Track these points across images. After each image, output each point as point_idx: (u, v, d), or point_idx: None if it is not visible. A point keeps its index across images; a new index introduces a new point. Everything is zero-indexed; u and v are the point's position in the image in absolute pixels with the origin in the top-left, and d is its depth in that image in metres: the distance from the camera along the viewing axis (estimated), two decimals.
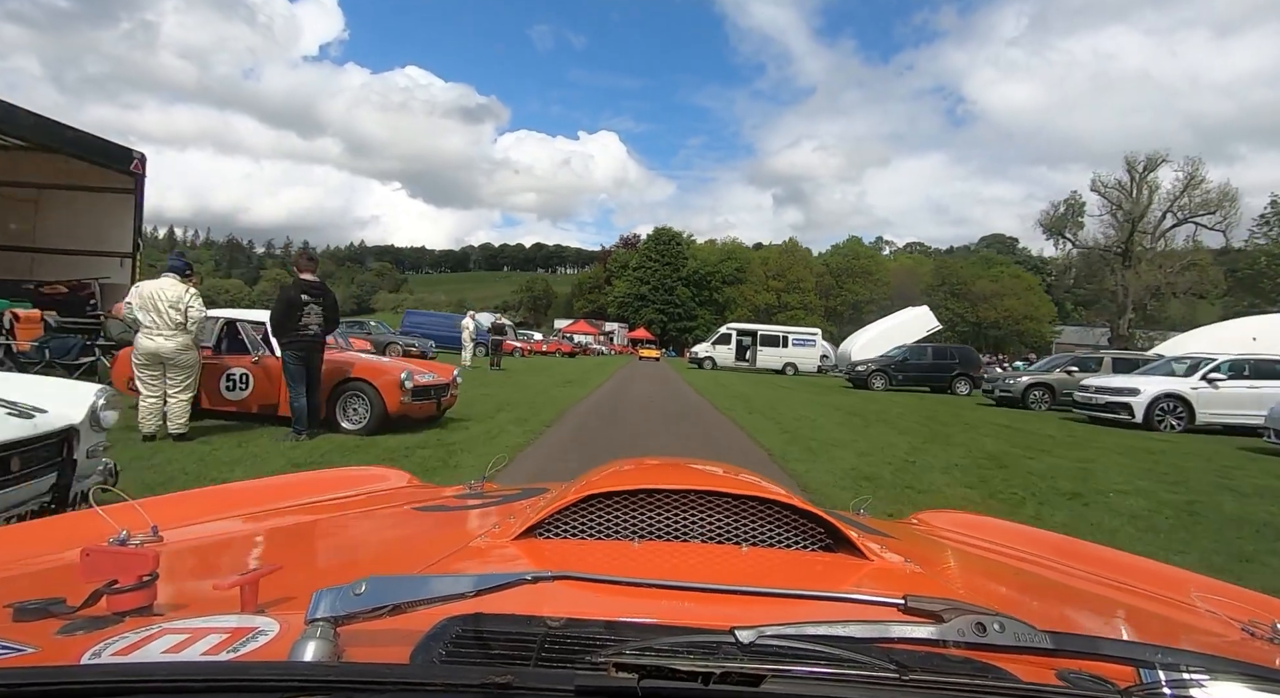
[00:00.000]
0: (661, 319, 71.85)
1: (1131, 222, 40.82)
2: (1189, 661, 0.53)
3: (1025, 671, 0.57)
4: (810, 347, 32.09)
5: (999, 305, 61.71)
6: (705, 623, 0.58)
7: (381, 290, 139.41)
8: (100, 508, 0.91)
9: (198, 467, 4.59)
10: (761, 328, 33.83)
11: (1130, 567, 1.33)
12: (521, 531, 0.98)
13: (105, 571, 0.68)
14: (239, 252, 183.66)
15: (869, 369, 21.08)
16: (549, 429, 7.85)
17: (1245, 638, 0.86)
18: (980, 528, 1.64)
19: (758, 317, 66.19)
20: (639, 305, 72.81)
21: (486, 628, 0.58)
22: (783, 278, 68.86)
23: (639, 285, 72.73)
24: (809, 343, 32.24)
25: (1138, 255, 40.43)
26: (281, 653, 0.52)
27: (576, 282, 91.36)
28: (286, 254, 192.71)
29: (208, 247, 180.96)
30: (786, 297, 67.01)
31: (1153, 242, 42.19)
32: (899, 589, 0.62)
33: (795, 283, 68.51)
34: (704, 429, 8.97)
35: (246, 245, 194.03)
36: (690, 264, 72.98)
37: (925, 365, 21.38)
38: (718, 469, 1.40)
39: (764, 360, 31.62)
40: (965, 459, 7.17)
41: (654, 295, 72.26)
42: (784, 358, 31.27)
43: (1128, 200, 41.12)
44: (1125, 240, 41.24)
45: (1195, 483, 6.31)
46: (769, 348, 31.75)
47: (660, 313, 72.31)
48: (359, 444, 5.97)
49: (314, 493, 1.49)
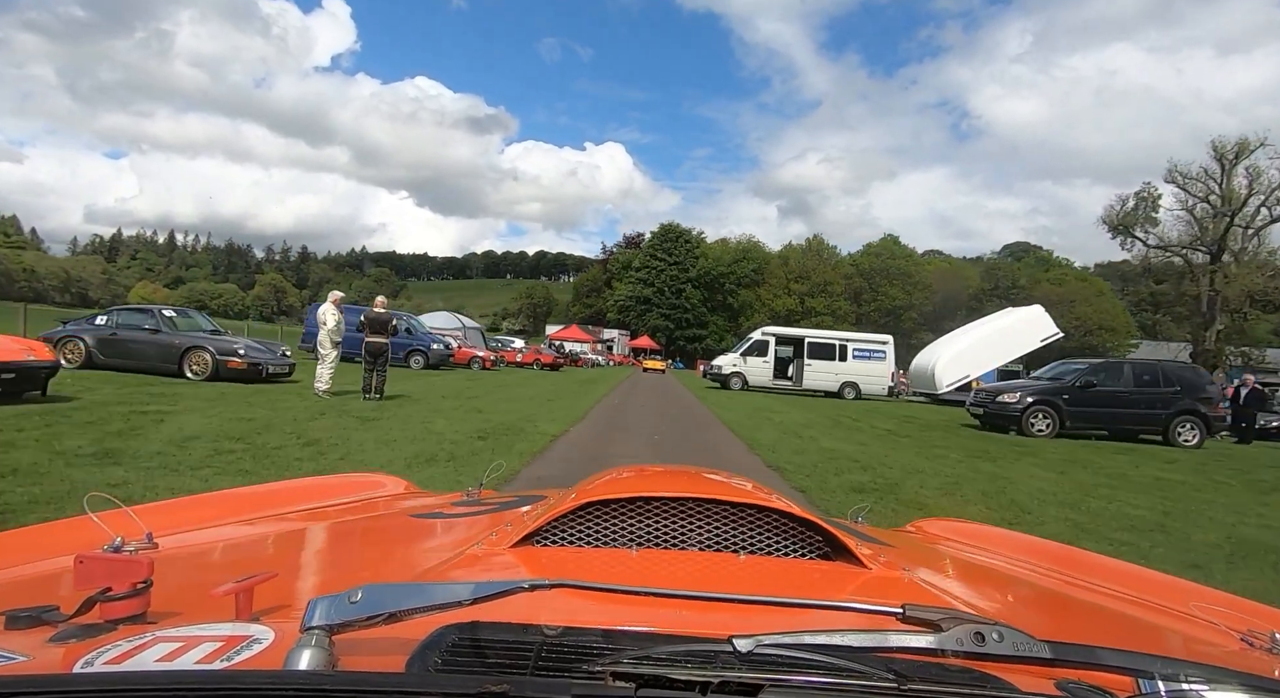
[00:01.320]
0: (668, 326, 64.42)
1: (1228, 214, 33.84)
2: (1188, 671, 0.53)
3: (1024, 680, 0.57)
4: (879, 360, 24.12)
5: (1070, 313, 53.15)
6: (703, 632, 0.58)
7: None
8: (94, 514, 0.90)
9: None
10: (811, 334, 24.86)
11: (1129, 576, 1.33)
12: (518, 538, 0.97)
13: (99, 578, 0.68)
14: (237, 256, 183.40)
15: (1023, 402, 12.68)
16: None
17: (1244, 648, 0.86)
18: (979, 537, 1.64)
19: (777, 324, 59.31)
20: (642, 310, 65.46)
21: (483, 636, 0.57)
22: (807, 280, 61.48)
23: (642, 287, 65.37)
24: (877, 355, 24.12)
25: (1231, 256, 34.18)
26: (276, 662, 0.52)
27: (573, 285, 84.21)
28: (285, 260, 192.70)
29: (208, 251, 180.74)
30: (811, 301, 59.60)
31: (1245, 240, 35.08)
32: (897, 598, 0.63)
33: (822, 286, 61.07)
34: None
35: (245, 249, 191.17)
36: (701, 264, 65.42)
37: (1123, 396, 12.97)
38: (716, 477, 1.38)
39: (813, 379, 23.84)
40: None
41: (659, 299, 64.89)
42: (842, 375, 23.76)
43: (1216, 192, 34.42)
44: (1219, 238, 34.19)
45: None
46: (820, 361, 23.89)
47: (666, 319, 64.88)
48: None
49: (310, 500, 1.48)
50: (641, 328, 64.14)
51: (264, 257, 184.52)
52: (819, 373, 23.75)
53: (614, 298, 67.92)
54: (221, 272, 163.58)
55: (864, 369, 23.77)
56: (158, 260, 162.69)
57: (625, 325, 64.70)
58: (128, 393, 8.54)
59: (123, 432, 5.81)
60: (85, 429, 5.77)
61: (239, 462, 5.03)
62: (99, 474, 4.29)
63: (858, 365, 23.80)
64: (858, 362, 23.87)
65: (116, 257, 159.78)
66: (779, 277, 62.72)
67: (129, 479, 4.25)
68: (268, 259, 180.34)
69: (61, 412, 6.61)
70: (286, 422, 7.26)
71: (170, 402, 8.03)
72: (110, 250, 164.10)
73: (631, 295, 65.33)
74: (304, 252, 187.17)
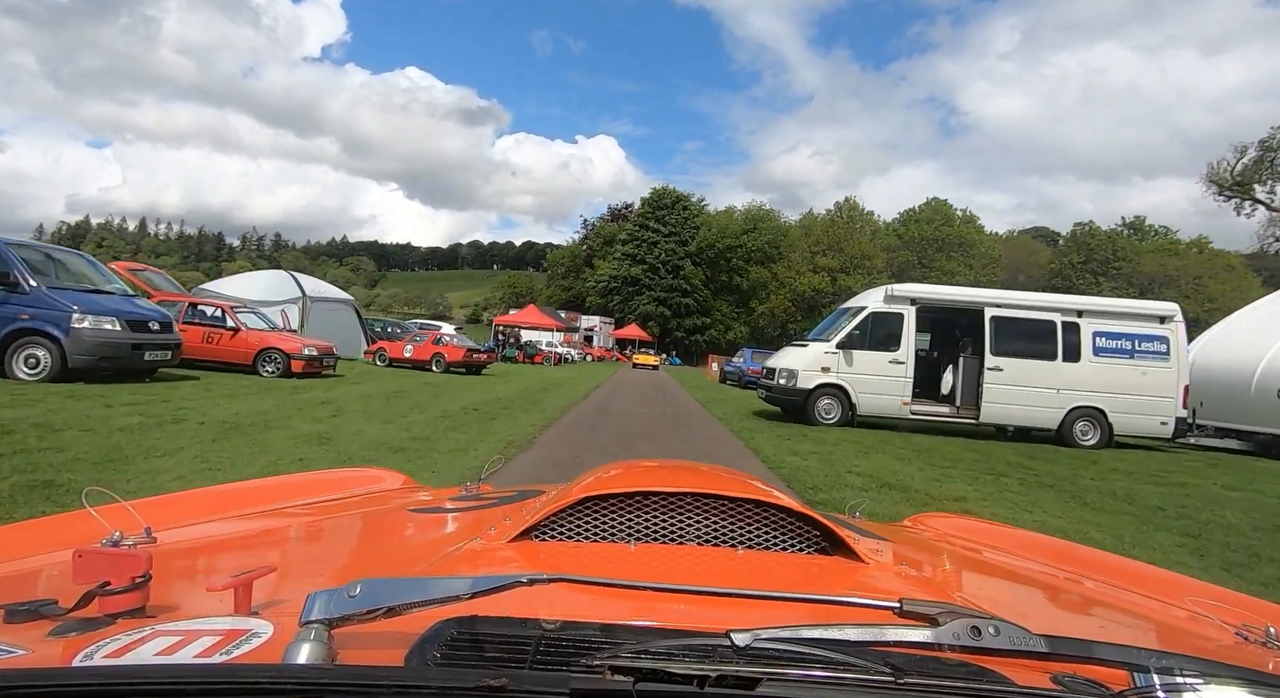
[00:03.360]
0: (662, 313, 51.38)
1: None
2: (1183, 664, 0.53)
3: (1020, 674, 0.57)
4: (1156, 358, 10.77)
5: (1200, 293, 39.70)
6: (701, 626, 0.58)
7: (356, 286, 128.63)
8: (93, 509, 0.91)
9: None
10: (998, 296, 11.58)
11: (1125, 571, 1.34)
12: (517, 533, 0.97)
13: (98, 572, 0.68)
14: (209, 244, 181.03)
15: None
16: None
17: (1239, 642, 0.87)
18: (975, 531, 1.65)
19: (799, 310, 44.80)
20: (630, 293, 52.53)
21: (482, 631, 0.58)
22: (838, 252, 47.90)
23: (630, 265, 52.51)
24: (1151, 346, 10.82)
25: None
26: (275, 656, 0.52)
27: (547, 263, 70.27)
28: (259, 247, 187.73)
29: (180, 239, 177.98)
30: (846, 279, 45.92)
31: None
32: (894, 592, 0.63)
33: (858, 260, 47.55)
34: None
35: (216, 237, 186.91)
36: (703, 236, 52.68)
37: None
38: (714, 472, 1.38)
39: (1007, 400, 10.84)
40: None
41: (651, 279, 52.01)
42: (1071, 392, 10.77)
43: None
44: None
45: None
46: (1021, 359, 10.86)
47: (660, 303, 51.93)
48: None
49: (308, 494, 1.49)
50: (629, 315, 50.84)
51: (239, 245, 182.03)
52: (1019, 387, 10.76)
53: (594, 278, 54.62)
54: (192, 260, 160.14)
55: (1120, 377, 10.66)
56: (126, 247, 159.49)
57: (609, 312, 51.48)
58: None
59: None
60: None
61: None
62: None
63: (1106, 368, 10.71)
64: (1106, 361, 10.75)
65: (80, 243, 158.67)
66: (801, 250, 49.29)
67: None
68: (243, 248, 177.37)
69: None
70: None
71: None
72: (73, 237, 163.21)
73: (617, 275, 52.12)
74: (277, 239, 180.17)
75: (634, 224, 54.63)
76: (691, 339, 51.87)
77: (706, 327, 51.84)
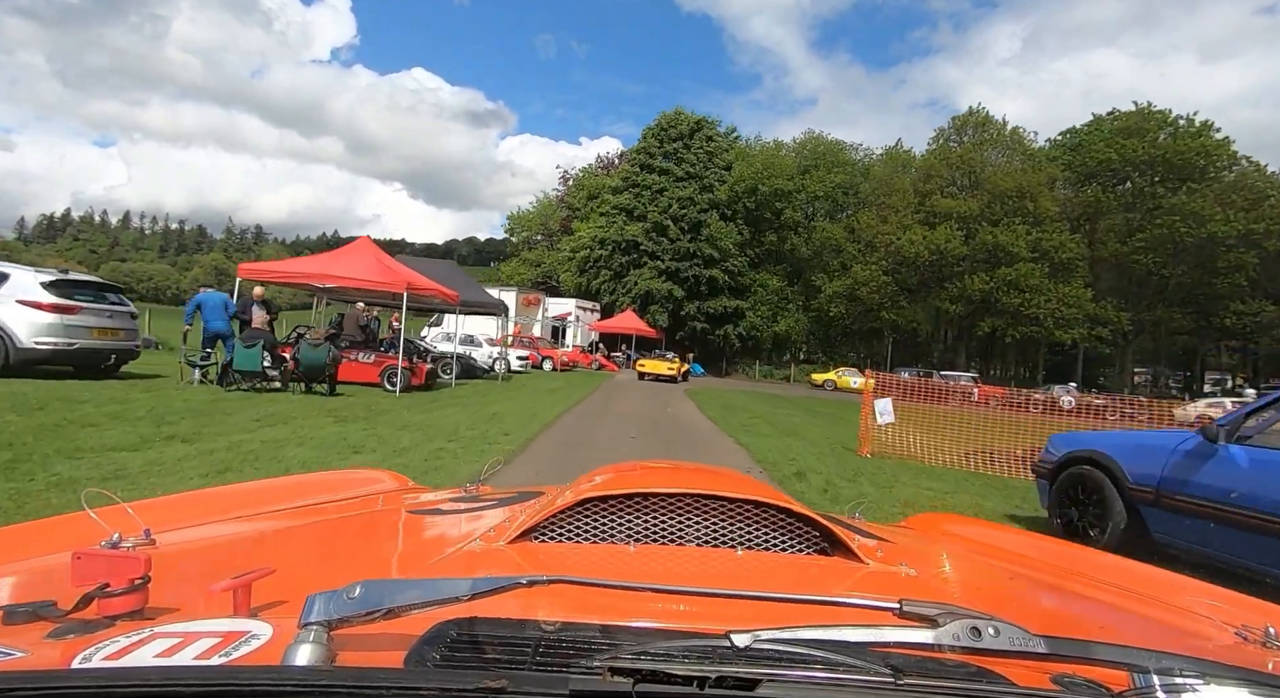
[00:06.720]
0: (672, 291, 32.51)
1: None
2: (1182, 665, 0.53)
3: (1020, 675, 0.58)
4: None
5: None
6: (701, 627, 0.59)
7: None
8: (92, 510, 0.90)
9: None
10: None
11: (1124, 571, 1.34)
12: (517, 534, 0.98)
13: (97, 574, 0.68)
14: (189, 239, 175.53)
15: None
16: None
17: (1238, 643, 0.88)
18: (975, 532, 1.64)
19: (900, 285, 26.85)
20: (625, 265, 33.74)
21: (481, 632, 0.57)
22: (977, 191, 29.21)
23: (625, 222, 33.57)
24: None
25: None
26: (274, 657, 0.52)
27: (507, 228, 50.85)
28: (240, 242, 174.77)
29: (160, 234, 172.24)
30: (991, 233, 27.07)
31: None
32: (894, 593, 0.64)
33: (1015, 201, 28.56)
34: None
35: (196, 231, 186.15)
36: (739, 173, 33.63)
37: None
38: (714, 473, 1.39)
39: None
40: None
41: (656, 242, 33.02)
42: None
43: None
44: None
45: None
46: None
47: (669, 277, 33.20)
48: None
49: (308, 495, 1.48)
50: (623, 298, 32.56)
51: (221, 239, 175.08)
52: None
53: (570, 247, 36.27)
54: (170, 255, 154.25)
55: None
56: (104, 241, 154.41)
57: (590, 295, 33.24)
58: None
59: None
60: None
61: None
62: None
63: None
64: None
65: (57, 238, 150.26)
66: (903, 192, 30.56)
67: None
68: (228, 241, 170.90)
69: None
70: None
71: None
72: (49, 231, 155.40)
73: (604, 239, 33.52)
74: (258, 232, 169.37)
75: (631, 164, 36.33)
76: (718, 333, 33.42)
77: (742, 313, 33.34)
